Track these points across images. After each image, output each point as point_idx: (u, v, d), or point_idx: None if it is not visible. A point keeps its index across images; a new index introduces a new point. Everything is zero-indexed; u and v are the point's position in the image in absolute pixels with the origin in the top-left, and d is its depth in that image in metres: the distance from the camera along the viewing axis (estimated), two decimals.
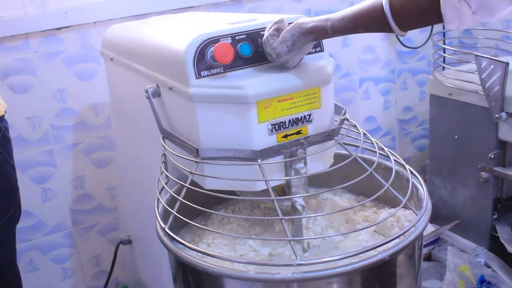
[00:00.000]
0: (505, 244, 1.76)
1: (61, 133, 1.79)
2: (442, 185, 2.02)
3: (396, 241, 0.89)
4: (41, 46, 1.69)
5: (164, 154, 1.10)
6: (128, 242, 1.58)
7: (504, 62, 1.62)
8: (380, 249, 0.88)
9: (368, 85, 2.34)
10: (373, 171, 1.00)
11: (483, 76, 1.69)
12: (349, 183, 0.98)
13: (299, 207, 1.04)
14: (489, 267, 1.79)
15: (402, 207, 1.01)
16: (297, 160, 1.02)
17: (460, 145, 1.91)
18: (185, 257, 0.91)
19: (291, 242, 0.87)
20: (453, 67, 1.97)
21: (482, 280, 1.73)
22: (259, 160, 0.98)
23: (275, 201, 0.92)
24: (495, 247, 1.87)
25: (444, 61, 2.17)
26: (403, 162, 1.11)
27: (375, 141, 1.12)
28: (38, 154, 1.78)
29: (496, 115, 1.70)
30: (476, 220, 1.91)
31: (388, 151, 1.14)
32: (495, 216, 1.88)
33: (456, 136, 1.91)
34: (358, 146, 1.09)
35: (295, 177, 1.01)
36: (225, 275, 0.88)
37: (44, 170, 1.81)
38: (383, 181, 0.99)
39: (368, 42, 2.27)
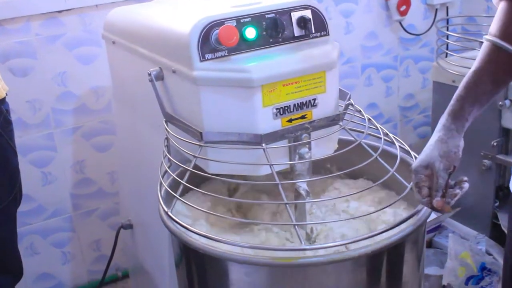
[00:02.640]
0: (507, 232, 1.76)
1: (61, 117, 1.78)
2: None
3: (403, 226, 0.89)
4: (42, 29, 1.67)
5: (167, 138, 1.09)
6: (129, 226, 1.57)
7: (507, 51, 1.60)
8: (385, 235, 0.87)
9: (371, 71, 2.33)
10: (378, 157, 0.99)
11: None
12: (353, 168, 0.97)
13: (303, 192, 1.04)
14: (490, 254, 1.79)
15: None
16: (301, 144, 1.01)
17: None
18: (190, 241, 0.91)
19: (296, 227, 0.86)
20: (457, 54, 1.95)
21: (483, 268, 1.72)
22: (263, 144, 0.97)
23: (279, 186, 0.92)
24: (496, 234, 1.86)
25: (447, 48, 2.15)
26: (408, 148, 1.10)
27: (380, 127, 1.11)
28: (39, 138, 1.77)
29: (500, 103, 1.69)
30: (477, 208, 1.90)
31: (393, 137, 1.14)
32: (496, 204, 1.87)
33: None
34: (362, 132, 1.09)
35: (299, 161, 1.00)
36: (233, 259, 0.87)
37: (45, 154, 1.80)
38: (388, 167, 0.98)
39: (370, 28, 2.26)
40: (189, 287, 1.05)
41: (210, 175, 0.99)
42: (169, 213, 0.96)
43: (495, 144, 1.78)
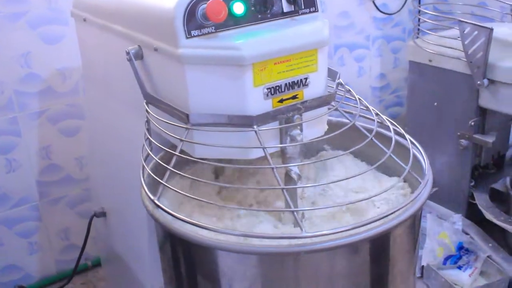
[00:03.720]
0: (483, 211, 1.76)
1: (25, 100, 1.68)
2: None
3: (402, 210, 0.85)
4: (3, 6, 1.57)
5: (148, 121, 1.03)
6: (102, 214, 1.50)
7: (489, 28, 1.59)
8: (385, 219, 0.83)
9: (343, 51, 2.29)
10: (373, 138, 0.95)
11: (466, 42, 1.66)
12: (349, 150, 0.93)
13: (295, 176, 0.99)
14: (466, 233, 1.79)
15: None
16: (293, 126, 0.96)
17: (439, 112, 1.89)
18: (182, 232, 0.85)
19: (294, 213, 0.82)
20: (433, 33, 1.93)
21: (460, 247, 1.72)
22: (255, 126, 0.91)
23: (274, 170, 0.87)
24: (472, 214, 1.87)
25: (418, 29, 2.13)
26: (402, 130, 1.06)
27: (372, 109, 1.07)
28: (2, 123, 1.67)
29: (478, 82, 1.68)
30: (453, 188, 1.90)
31: (386, 118, 1.10)
32: (472, 184, 1.87)
33: (435, 103, 1.89)
34: (352, 113, 1.05)
35: (292, 144, 0.95)
36: (228, 249, 0.82)
37: (8, 139, 1.70)
38: (384, 148, 0.94)
39: (343, 8, 2.22)
40: (175, 278, 1.00)
41: (197, 159, 0.93)
42: (156, 201, 0.90)
43: (472, 123, 1.78)
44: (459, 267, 1.69)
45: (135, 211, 1.25)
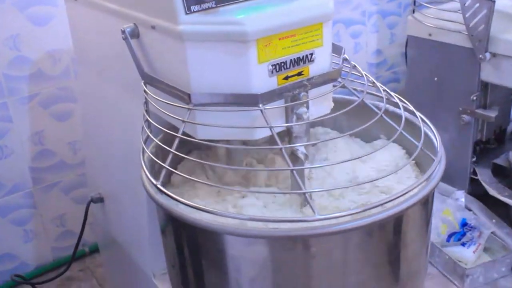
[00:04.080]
0: (486, 187, 1.74)
1: (15, 84, 1.63)
2: None
3: (418, 189, 0.82)
4: None
5: (146, 102, 0.99)
6: (99, 200, 1.46)
7: (491, 0, 1.55)
8: (401, 199, 0.80)
9: (339, 27, 2.25)
10: (383, 115, 0.91)
11: (467, 15, 1.62)
12: (357, 129, 0.89)
13: (301, 156, 0.95)
14: (469, 210, 1.77)
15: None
16: (299, 104, 0.92)
17: (439, 88, 1.85)
18: (183, 215, 0.81)
19: (306, 195, 0.78)
20: (433, 6, 1.89)
21: (464, 224, 1.70)
22: (260, 105, 0.87)
23: (283, 150, 0.83)
24: (474, 190, 1.85)
25: (415, 2, 2.08)
26: (412, 108, 1.03)
27: (380, 85, 1.03)
28: None
29: (480, 56, 1.64)
30: (455, 164, 1.87)
31: (394, 95, 1.06)
32: (474, 159, 1.85)
33: (435, 79, 1.85)
34: (358, 89, 1.01)
35: (299, 123, 0.91)
36: (235, 233, 0.79)
37: None
38: (395, 125, 0.90)
39: None
40: (179, 263, 0.96)
41: (201, 141, 0.89)
42: (159, 186, 0.86)
43: (474, 98, 1.74)
44: (463, 244, 1.67)
45: (134, 196, 1.21)
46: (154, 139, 0.93)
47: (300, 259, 0.80)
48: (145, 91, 0.98)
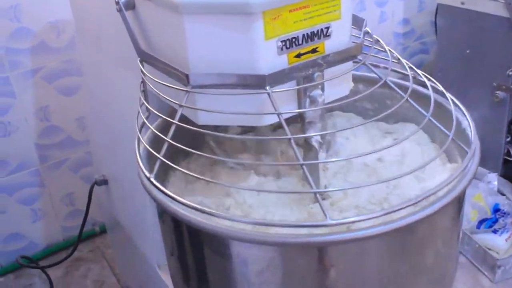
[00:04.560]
0: None
1: (17, 57, 1.54)
2: None
3: (447, 189, 0.70)
4: None
5: (143, 82, 0.88)
6: (104, 182, 1.37)
7: None
8: (427, 200, 0.69)
9: None
10: (408, 98, 0.80)
11: None
12: (382, 114, 0.78)
13: (316, 144, 0.84)
14: (502, 194, 1.65)
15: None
16: (313, 86, 0.81)
17: (472, 61, 1.71)
18: (182, 215, 0.71)
19: (317, 195, 0.67)
20: None
21: (496, 209, 1.58)
22: (267, 88, 0.76)
23: (291, 140, 0.72)
24: (508, 172, 1.72)
25: None
26: (441, 88, 0.91)
27: (405, 62, 0.91)
28: None
29: None
30: (488, 144, 1.74)
31: (422, 73, 0.94)
32: (508, 139, 1.71)
33: (468, 51, 1.71)
34: (379, 66, 0.90)
35: (312, 108, 0.80)
36: (237, 237, 0.69)
37: (1, 101, 1.57)
38: (422, 111, 0.79)
39: None
40: (177, 253, 0.88)
41: (199, 129, 0.79)
42: (152, 180, 0.76)
43: (510, 73, 1.60)
44: (494, 231, 1.55)
45: (133, 181, 1.12)
46: (150, 126, 0.83)
47: (307, 268, 0.70)
48: (141, 70, 0.88)
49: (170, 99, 0.80)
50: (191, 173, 0.75)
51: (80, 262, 1.80)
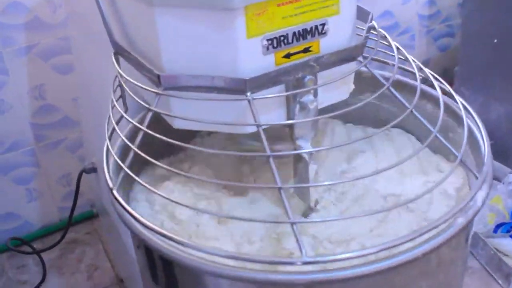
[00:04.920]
0: None
1: (10, 33, 1.45)
2: (473, 97, 1.70)
3: (449, 222, 0.60)
4: None
5: (118, 76, 0.79)
6: (93, 170, 1.30)
7: None
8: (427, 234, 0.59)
9: None
10: (413, 110, 0.69)
11: None
12: (384, 128, 0.67)
13: (306, 155, 0.75)
14: None
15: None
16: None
17: (499, 51, 1.57)
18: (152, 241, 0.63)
19: (293, 226, 0.58)
20: None
21: None
22: (248, 94, 0.66)
23: (270, 159, 0.62)
24: None
25: None
26: (450, 89, 0.80)
27: (412, 59, 0.80)
28: None
29: None
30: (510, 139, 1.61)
31: (430, 73, 0.83)
32: None
33: (495, 40, 1.57)
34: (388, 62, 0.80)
35: (301, 120, 0.70)
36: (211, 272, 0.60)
37: None
38: (430, 127, 0.68)
39: None
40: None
41: (167, 139, 0.69)
42: (114, 192, 0.68)
43: None
44: None
45: None
46: (120, 134, 0.74)
47: None
48: (115, 64, 0.78)
49: (140, 100, 0.71)
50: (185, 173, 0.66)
51: (75, 245, 1.74)
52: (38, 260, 1.62)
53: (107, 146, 0.74)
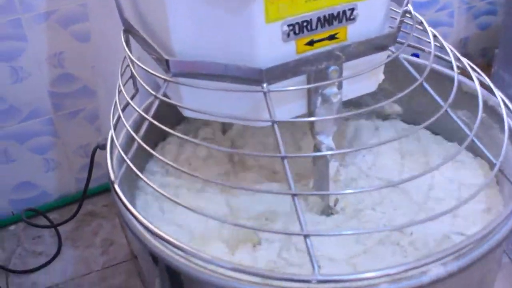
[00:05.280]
0: None
1: None
2: None
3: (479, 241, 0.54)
4: None
5: (126, 57, 0.73)
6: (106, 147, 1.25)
7: None
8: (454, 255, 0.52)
9: None
10: (448, 109, 0.62)
11: None
12: (419, 127, 0.60)
13: (325, 150, 0.68)
14: None
15: None
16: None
17: None
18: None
19: (307, 239, 0.52)
20: None
21: None
22: (264, 85, 0.60)
23: (285, 161, 0.56)
24: None
25: None
26: (489, 82, 0.72)
27: (450, 48, 0.73)
28: (2, 26, 1.40)
29: None
30: None
31: (468, 63, 0.75)
32: None
33: None
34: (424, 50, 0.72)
35: (322, 118, 0.63)
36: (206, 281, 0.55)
37: (11, 45, 1.44)
38: (466, 130, 0.61)
39: None
40: None
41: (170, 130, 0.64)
42: (117, 188, 0.63)
43: None
44: None
45: None
46: (126, 123, 0.69)
47: None
48: (124, 44, 0.72)
49: (146, 87, 0.65)
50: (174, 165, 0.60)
51: (92, 217, 1.71)
52: (54, 232, 1.60)
53: (112, 135, 0.68)
